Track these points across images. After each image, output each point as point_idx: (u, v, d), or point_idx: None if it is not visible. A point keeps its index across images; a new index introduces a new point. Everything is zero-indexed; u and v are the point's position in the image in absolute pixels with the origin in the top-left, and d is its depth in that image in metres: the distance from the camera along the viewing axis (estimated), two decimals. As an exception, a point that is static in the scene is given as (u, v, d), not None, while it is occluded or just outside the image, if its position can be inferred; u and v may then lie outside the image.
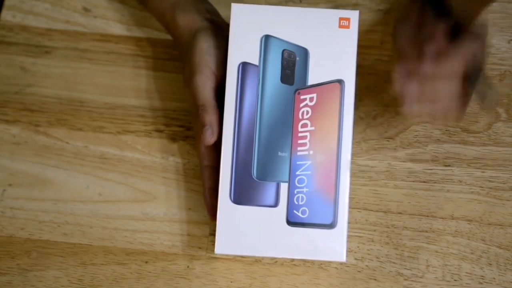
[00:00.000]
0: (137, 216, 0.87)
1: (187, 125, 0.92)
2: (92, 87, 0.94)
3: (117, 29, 0.97)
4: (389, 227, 0.87)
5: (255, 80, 0.82)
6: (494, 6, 0.98)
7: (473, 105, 0.92)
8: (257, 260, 0.85)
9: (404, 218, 0.87)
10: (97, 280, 0.84)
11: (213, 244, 0.85)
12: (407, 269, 0.85)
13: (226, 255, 0.84)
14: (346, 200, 0.81)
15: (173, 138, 0.91)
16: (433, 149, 0.90)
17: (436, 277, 0.84)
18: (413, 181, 0.88)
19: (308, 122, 0.82)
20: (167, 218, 0.87)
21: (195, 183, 0.89)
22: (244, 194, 0.81)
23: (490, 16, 0.98)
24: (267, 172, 0.81)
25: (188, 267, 0.85)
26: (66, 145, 0.91)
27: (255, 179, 0.81)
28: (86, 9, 0.99)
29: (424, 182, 0.88)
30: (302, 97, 0.82)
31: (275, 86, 0.82)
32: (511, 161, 0.90)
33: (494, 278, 0.84)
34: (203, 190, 0.84)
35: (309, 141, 0.81)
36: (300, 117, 0.82)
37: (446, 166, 0.89)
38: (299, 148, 0.81)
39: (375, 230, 0.86)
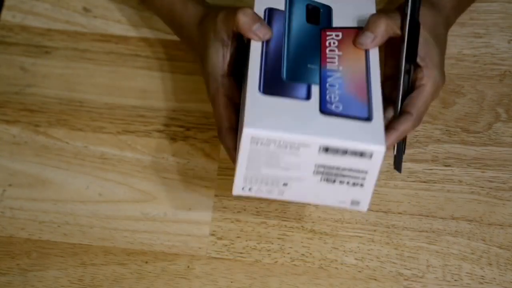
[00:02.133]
0: (137, 216, 0.87)
1: (187, 125, 0.92)
2: (92, 87, 0.94)
3: (117, 29, 0.97)
4: (389, 227, 0.87)
5: (282, 22, 0.82)
6: (494, 6, 0.98)
7: (473, 106, 0.93)
8: (257, 260, 0.85)
9: (404, 218, 0.87)
10: (97, 280, 0.84)
11: (213, 244, 0.85)
12: (407, 269, 0.85)
13: (254, 138, 0.73)
14: (380, 100, 0.76)
15: (173, 138, 0.91)
16: (433, 149, 0.90)
17: (436, 277, 0.84)
18: (413, 181, 0.88)
19: (335, 49, 0.80)
20: (167, 218, 0.87)
21: (195, 183, 0.89)
22: (273, 87, 0.76)
23: (490, 16, 0.98)
24: (297, 75, 0.78)
25: (188, 267, 0.85)
26: (66, 145, 0.91)
27: (285, 80, 0.77)
28: (86, 9, 0.99)
29: (424, 182, 0.89)
30: (328, 33, 0.81)
31: (301, 24, 0.82)
32: (511, 161, 0.90)
33: (494, 278, 0.84)
34: (227, 152, 0.82)
35: (337, 60, 0.79)
36: (328, 45, 0.81)
37: (446, 166, 0.89)
38: (328, 64, 0.79)
39: (375, 230, 0.86)
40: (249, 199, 0.87)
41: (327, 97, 0.76)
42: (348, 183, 0.75)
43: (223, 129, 0.81)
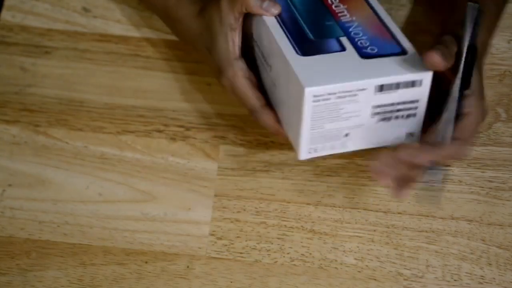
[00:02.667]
0: (137, 216, 0.87)
1: (187, 125, 0.92)
2: (92, 87, 0.94)
3: (117, 29, 0.98)
4: (389, 227, 0.87)
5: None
6: (494, 6, 0.98)
7: (473, 105, 0.93)
8: (257, 260, 0.85)
9: (404, 218, 0.87)
10: (97, 280, 0.84)
11: (213, 244, 0.85)
12: (407, 269, 0.85)
13: (315, 97, 0.75)
14: (404, 37, 0.80)
15: (173, 138, 0.91)
16: (433, 149, 0.90)
17: (436, 277, 0.84)
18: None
19: (339, 4, 0.83)
20: (167, 218, 0.87)
21: (195, 183, 0.89)
22: (308, 48, 0.79)
23: (490, 16, 0.98)
24: (322, 32, 0.81)
25: (188, 267, 0.85)
26: (66, 145, 0.91)
27: (313, 39, 0.80)
28: (86, 9, 0.99)
29: (425, 182, 0.88)
30: None
31: None
32: (511, 161, 0.90)
33: (494, 278, 0.84)
34: (272, 128, 0.83)
35: (347, 12, 0.82)
36: (330, 2, 0.84)
37: (446, 166, 0.89)
38: (341, 18, 0.82)
39: (375, 230, 0.86)
40: (249, 199, 0.87)
41: (359, 43, 0.79)
42: (403, 116, 0.79)
43: (257, 108, 0.83)
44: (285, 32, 0.81)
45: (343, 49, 0.79)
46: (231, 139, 0.91)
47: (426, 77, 0.77)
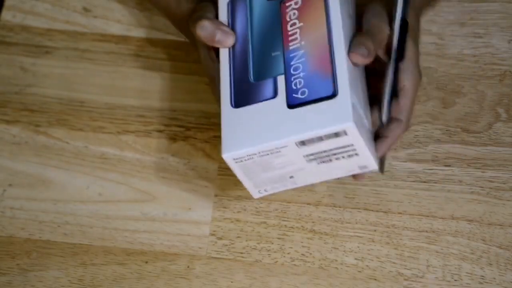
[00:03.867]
0: (137, 216, 0.87)
1: (187, 125, 0.92)
2: (92, 87, 0.94)
3: (117, 29, 0.97)
4: (389, 227, 0.87)
5: (244, 10, 0.82)
6: (494, 6, 0.98)
7: (473, 106, 0.93)
8: (257, 260, 0.85)
9: (404, 218, 0.87)
10: (97, 280, 0.84)
11: (213, 244, 0.85)
12: (407, 269, 0.85)
13: (235, 160, 0.77)
14: (345, 71, 0.75)
15: (173, 138, 0.91)
16: (433, 149, 0.90)
17: (436, 277, 0.84)
18: (413, 181, 0.88)
19: (296, 21, 0.80)
20: (167, 218, 0.87)
21: (195, 183, 0.89)
22: (243, 97, 0.78)
23: (490, 16, 0.98)
24: (263, 72, 0.79)
25: (188, 267, 0.85)
26: (66, 145, 0.91)
27: (252, 81, 0.79)
28: (86, 9, 0.99)
29: (425, 182, 0.88)
30: (287, 4, 0.81)
31: (262, 4, 0.82)
32: (511, 161, 0.90)
33: (494, 278, 0.84)
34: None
35: (299, 35, 0.79)
36: (288, 19, 0.80)
37: (446, 166, 0.89)
38: (290, 44, 0.79)
39: (375, 230, 0.86)
40: (249, 199, 0.87)
41: (292, 85, 0.77)
42: (343, 157, 0.77)
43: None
44: (230, 72, 0.80)
45: (275, 95, 0.77)
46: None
47: (349, 127, 0.73)
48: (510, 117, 0.92)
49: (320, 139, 0.75)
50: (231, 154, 0.76)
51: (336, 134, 0.74)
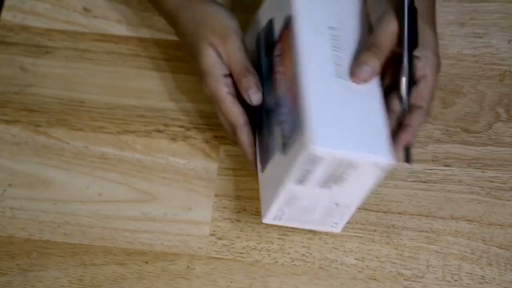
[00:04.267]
0: (137, 216, 0.87)
1: (187, 125, 0.92)
2: (92, 87, 0.94)
3: (117, 29, 0.97)
4: (389, 227, 0.87)
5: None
6: (494, 6, 0.98)
7: (473, 106, 0.93)
8: (257, 261, 0.85)
9: (404, 218, 0.87)
10: (97, 280, 0.84)
11: (213, 244, 0.85)
12: (407, 269, 0.85)
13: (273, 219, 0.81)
14: (311, 104, 0.76)
15: (173, 138, 0.91)
16: (433, 149, 0.90)
17: (436, 277, 0.84)
18: (413, 181, 0.88)
19: (279, 68, 0.81)
20: (167, 218, 0.87)
21: (195, 183, 0.89)
22: (263, 159, 0.82)
23: (490, 16, 0.98)
24: (268, 130, 0.82)
25: (188, 267, 0.85)
26: (66, 145, 0.91)
27: (266, 139, 0.82)
28: (86, 9, 0.99)
29: (424, 182, 0.88)
30: (275, 52, 0.83)
31: (265, 62, 0.84)
32: (511, 161, 0.90)
33: (494, 278, 0.84)
34: (245, 150, 0.84)
35: (281, 81, 0.81)
36: (276, 71, 0.82)
37: (446, 166, 0.89)
38: (277, 90, 0.81)
39: (375, 230, 0.86)
40: (249, 199, 0.87)
41: (284, 132, 0.79)
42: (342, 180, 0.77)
43: (239, 124, 0.83)
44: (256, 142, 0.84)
45: (278, 149, 0.79)
46: (232, 139, 0.91)
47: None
48: (510, 117, 0.92)
49: (308, 171, 0.76)
50: (267, 219, 0.81)
51: (313, 160, 0.75)
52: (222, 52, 0.83)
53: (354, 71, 0.78)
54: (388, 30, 0.80)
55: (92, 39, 0.97)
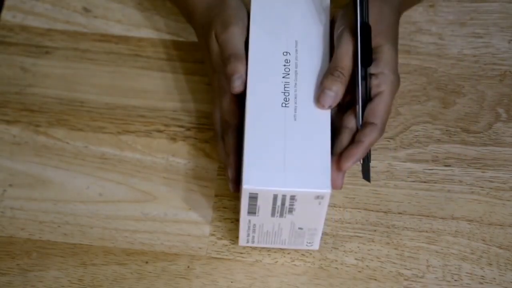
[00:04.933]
0: (138, 216, 0.87)
1: (187, 125, 0.92)
2: (92, 87, 0.94)
3: (117, 29, 0.98)
4: (389, 227, 0.87)
5: None
6: (494, 6, 0.98)
7: (473, 106, 0.93)
8: (257, 261, 0.85)
9: (405, 218, 0.87)
10: (98, 280, 0.84)
11: (213, 244, 0.85)
12: (408, 269, 0.85)
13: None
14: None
15: (173, 138, 0.91)
16: (434, 149, 0.90)
17: (436, 277, 0.84)
18: (413, 181, 0.88)
19: None
20: (167, 218, 0.87)
21: (195, 183, 0.89)
22: None
23: (490, 16, 0.98)
24: None
25: (188, 267, 0.85)
26: (66, 145, 0.91)
27: None
28: (86, 9, 0.99)
29: (425, 182, 0.89)
30: None
31: None
32: (511, 161, 0.90)
33: (494, 278, 0.84)
34: (225, 158, 0.83)
35: None
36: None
37: (446, 166, 0.89)
38: None
39: (375, 230, 0.86)
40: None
41: None
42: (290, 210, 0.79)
43: (233, 125, 0.82)
44: None
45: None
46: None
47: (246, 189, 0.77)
48: (510, 117, 0.92)
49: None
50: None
51: (252, 197, 0.77)
52: (221, 42, 0.83)
53: (318, 97, 0.79)
54: (346, 50, 0.80)
55: (92, 39, 0.97)
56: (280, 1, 0.85)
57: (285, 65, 0.81)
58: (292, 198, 0.77)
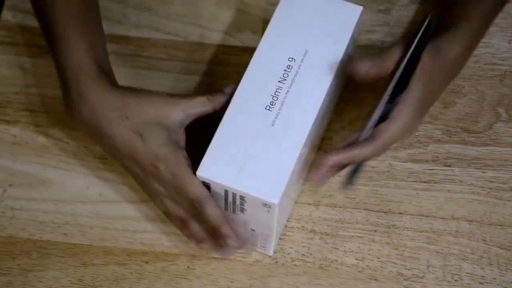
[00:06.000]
0: (138, 216, 0.87)
1: (187, 125, 0.92)
2: (92, 87, 0.94)
3: (117, 29, 0.97)
4: (389, 227, 0.87)
5: None
6: (495, 6, 0.98)
7: (473, 106, 0.93)
8: (257, 261, 0.85)
9: (405, 218, 0.87)
10: (98, 280, 0.84)
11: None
12: (408, 269, 0.85)
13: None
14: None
15: (173, 138, 0.91)
16: (434, 149, 0.90)
17: (436, 277, 0.84)
18: (413, 181, 0.88)
19: None
20: (167, 218, 0.87)
21: (196, 183, 0.89)
22: None
23: (490, 16, 0.98)
24: None
25: (188, 267, 0.85)
26: (66, 145, 0.91)
27: None
28: (86, 9, 0.98)
29: (425, 182, 0.89)
30: None
31: None
32: (512, 161, 0.90)
33: (494, 278, 0.84)
34: (220, 219, 0.79)
35: None
36: None
37: (446, 166, 0.89)
38: None
39: (376, 230, 0.86)
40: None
41: None
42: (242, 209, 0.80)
43: (205, 196, 0.78)
44: None
45: None
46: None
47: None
48: (511, 117, 0.92)
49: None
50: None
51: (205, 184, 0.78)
52: (174, 174, 0.79)
53: (350, 62, 0.81)
54: (397, 57, 0.80)
55: (92, 39, 0.97)
56: (308, 7, 0.84)
57: (285, 70, 0.81)
58: (242, 198, 0.77)
